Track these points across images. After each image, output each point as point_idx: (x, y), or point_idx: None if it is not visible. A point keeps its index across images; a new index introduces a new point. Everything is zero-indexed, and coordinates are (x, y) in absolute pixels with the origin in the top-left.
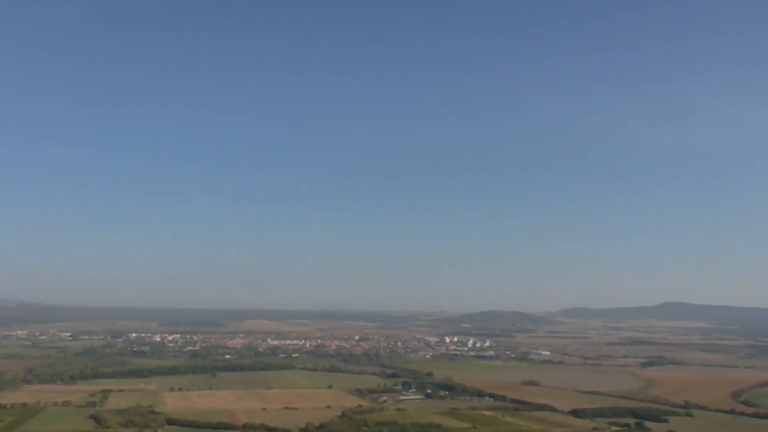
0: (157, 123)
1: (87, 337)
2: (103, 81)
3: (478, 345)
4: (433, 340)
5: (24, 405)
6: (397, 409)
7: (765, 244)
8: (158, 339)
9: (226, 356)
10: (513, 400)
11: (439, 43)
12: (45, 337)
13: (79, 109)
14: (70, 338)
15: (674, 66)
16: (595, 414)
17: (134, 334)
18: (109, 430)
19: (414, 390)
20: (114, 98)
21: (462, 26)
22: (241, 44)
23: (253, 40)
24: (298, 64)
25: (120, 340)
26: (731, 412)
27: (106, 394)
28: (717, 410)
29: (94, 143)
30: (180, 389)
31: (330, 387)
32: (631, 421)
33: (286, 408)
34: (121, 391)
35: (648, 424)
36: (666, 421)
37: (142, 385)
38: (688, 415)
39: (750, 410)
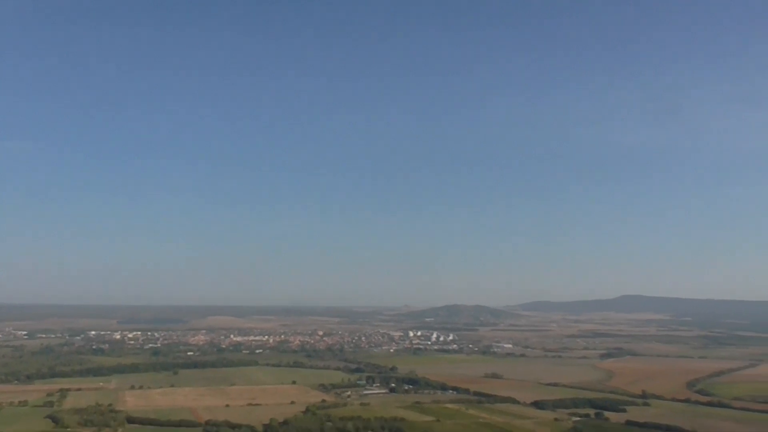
0: (132, 121)
1: (44, 336)
2: (86, 78)
3: (441, 339)
4: (396, 334)
5: None
6: (361, 404)
7: (720, 238)
8: (118, 337)
9: (188, 353)
10: (476, 393)
11: (424, 40)
12: (0, 335)
13: (30, 103)
14: (26, 337)
15: (646, 61)
16: (556, 405)
17: (93, 332)
18: (68, 430)
19: (378, 384)
20: (66, 91)
21: (441, 25)
22: (227, 42)
23: (239, 39)
24: (282, 62)
25: (78, 338)
26: (687, 401)
27: (64, 393)
28: (673, 399)
29: (47, 137)
30: (141, 387)
31: (294, 383)
32: (591, 411)
33: (250, 404)
34: (79, 390)
35: (607, 413)
36: (624, 410)
37: (101, 384)
38: (646, 404)
39: (705, 399)
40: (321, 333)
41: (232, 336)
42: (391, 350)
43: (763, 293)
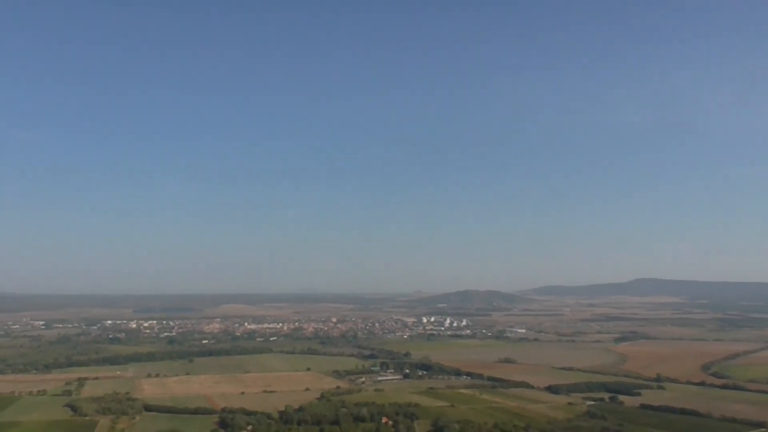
0: (141, 110)
1: (61, 326)
2: (97, 67)
3: (454, 324)
4: (410, 320)
5: None
6: (376, 390)
7: (732, 221)
8: (134, 326)
9: (203, 341)
10: (490, 378)
11: (426, 21)
12: (17, 326)
13: (35, 93)
14: (43, 327)
15: (644, 49)
16: (570, 389)
17: (109, 322)
18: (86, 418)
19: (392, 370)
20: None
21: (442, 5)
22: (232, 27)
23: (243, 23)
24: (272, 47)
25: (95, 327)
26: (701, 384)
27: (81, 382)
28: (688, 382)
29: (54, 128)
30: (157, 375)
31: (308, 369)
32: (605, 395)
33: (265, 391)
34: (97, 378)
35: (621, 397)
36: (639, 394)
37: (118, 372)
38: (660, 388)
39: (719, 382)
40: (334, 320)
41: (246, 324)
42: (405, 336)
43: None
